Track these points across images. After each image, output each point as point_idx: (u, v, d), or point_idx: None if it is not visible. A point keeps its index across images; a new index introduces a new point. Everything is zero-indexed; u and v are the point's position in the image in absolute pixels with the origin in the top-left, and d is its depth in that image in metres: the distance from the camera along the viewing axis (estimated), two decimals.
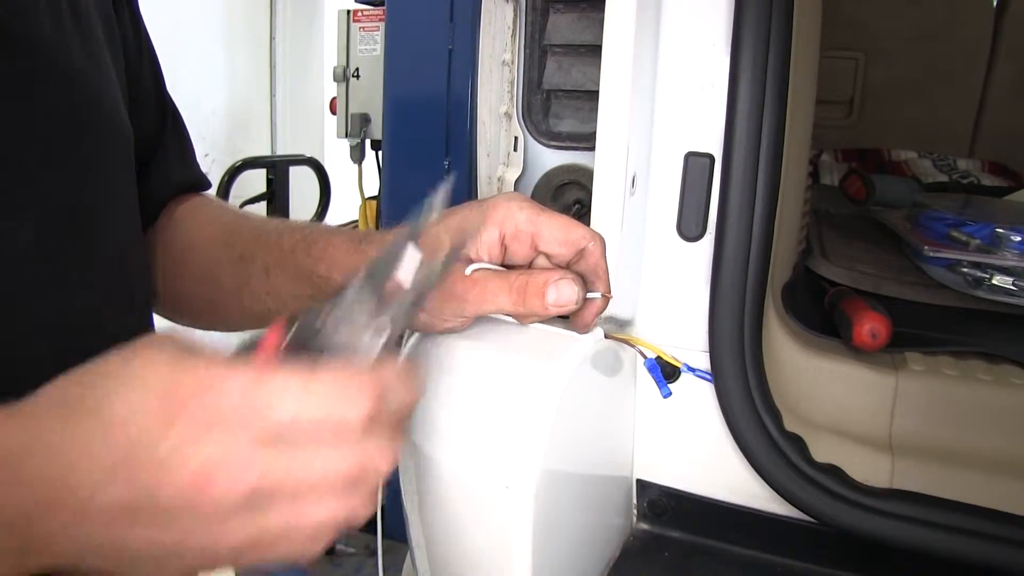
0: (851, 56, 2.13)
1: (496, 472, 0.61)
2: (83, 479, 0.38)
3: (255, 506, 0.39)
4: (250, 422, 0.39)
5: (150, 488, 0.38)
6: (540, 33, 0.96)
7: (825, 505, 0.75)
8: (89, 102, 0.67)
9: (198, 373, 0.39)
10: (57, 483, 0.38)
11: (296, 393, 0.40)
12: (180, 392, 0.38)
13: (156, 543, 0.39)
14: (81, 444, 0.38)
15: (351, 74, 2.40)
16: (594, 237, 0.63)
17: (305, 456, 0.40)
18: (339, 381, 0.41)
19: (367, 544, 2.35)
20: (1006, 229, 1.06)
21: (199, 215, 0.86)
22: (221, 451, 0.38)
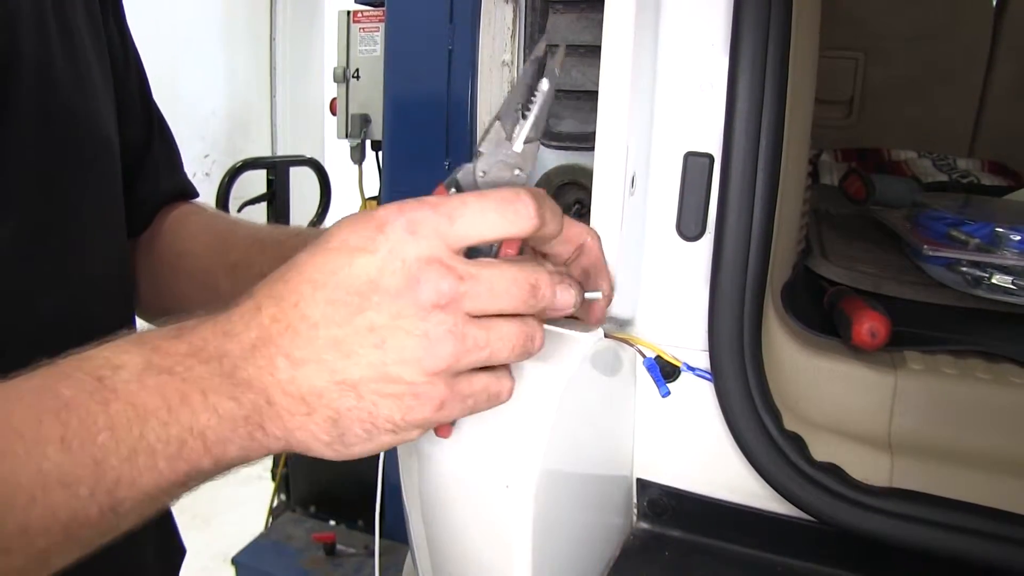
0: (851, 56, 2.13)
1: (496, 471, 0.61)
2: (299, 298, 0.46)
3: (453, 307, 0.46)
4: (442, 232, 0.46)
5: (372, 280, 0.45)
6: (540, 33, 0.96)
7: (825, 504, 0.75)
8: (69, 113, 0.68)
9: (390, 205, 0.46)
10: (286, 313, 0.46)
11: (474, 205, 0.46)
12: (379, 215, 0.46)
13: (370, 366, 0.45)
14: (302, 272, 0.46)
15: (351, 75, 2.41)
16: (591, 232, 0.64)
17: (489, 271, 0.47)
18: (507, 196, 0.47)
19: (366, 544, 2.36)
20: (1006, 228, 1.06)
21: (191, 223, 0.86)
22: (426, 250, 0.45)
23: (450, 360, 0.46)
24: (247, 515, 3.32)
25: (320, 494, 2.56)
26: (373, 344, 0.45)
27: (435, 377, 0.46)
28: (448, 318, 0.45)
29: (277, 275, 0.48)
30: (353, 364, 0.45)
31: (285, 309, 0.46)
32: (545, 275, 0.49)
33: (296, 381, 0.45)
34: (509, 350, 0.48)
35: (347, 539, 2.39)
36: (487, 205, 0.47)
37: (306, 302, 0.46)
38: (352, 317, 0.45)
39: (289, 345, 0.45)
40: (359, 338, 0.45)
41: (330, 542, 2.34)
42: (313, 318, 0.45)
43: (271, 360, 0.45)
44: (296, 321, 0.46)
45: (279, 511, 2.65)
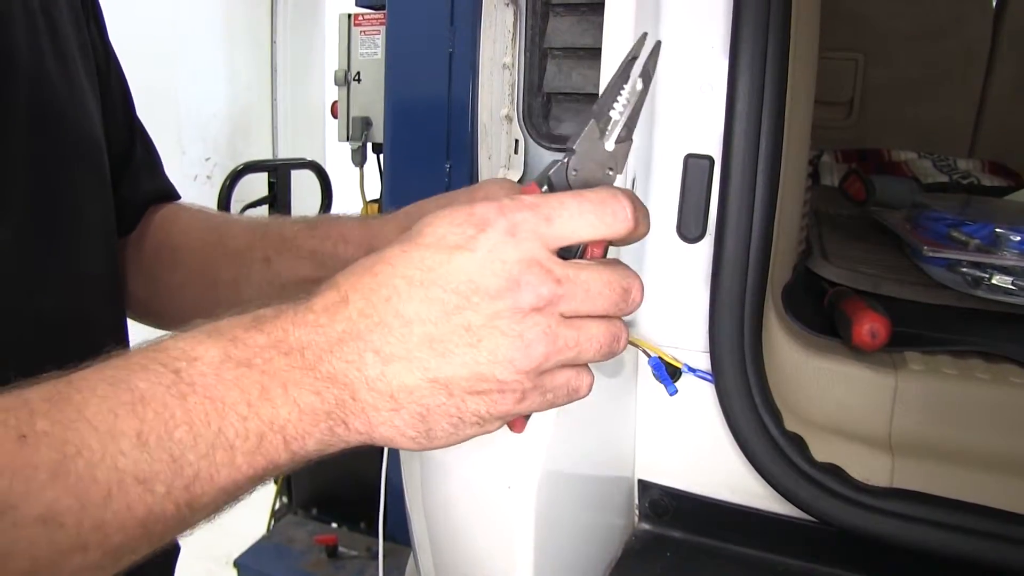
0: (851, 57, 2.13)
1: (498, 472, 0.61)
2: (392, 293, 0.45)
3: (550, 310, 0.46)
4: (541, 233, 0.46)
5: (472, 280, 0.45)
6: (540, 36, 0.97)
7: (825, 504, 0.75)
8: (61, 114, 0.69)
9: (487, 203, 0.46)
10: (377, 308, 0.45)
11: (572, 206, 0.47)
12: (479, 213, 0.46)
13: (464, 365, 0.45)
14: (394, 267, 0.46)
15: (352, 78, 2.41)
16: None
17: (586, 273, 0.47)
18: (604, 197, 0.47)
19: (368, 546, 2.36)
20: (1006, 229, 1.06)
21: (182, 219, 0.87)
22: (527, 252, 0.45)
23: (541, 360, 0.46)
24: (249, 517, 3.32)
25: (322, 496, 2.56)
26: (468, 343, 0.45)
27: (524, 375, 0.46)
28: (543, 320, 0.46)
29: (362, 267, 0.47)
30: (447, 363, 0.45)
31: (376, 304, 0.45)
32: (637, 280, 0.50)
33: (385, 377, 0.45)
34: (596, 349, 0.48)
35: (349, 541, 2.39)
36: (585, 207, 0.47)
37: (400, 298, 0.45)
38: (449, 315, 0.45)
39: (379, 341, 0.45)
40: (455, 337, 0.45)
41: (332, 544, 2.34)
42: (407, 315, 0.45)
43: (359, 355, 0.45)
44: (388, 317, 0.45)
45: (281, 513, 2.64)
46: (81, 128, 0.72)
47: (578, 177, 0.53)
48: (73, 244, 0.69)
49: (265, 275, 0.77)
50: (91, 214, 0.73)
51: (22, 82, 0.64)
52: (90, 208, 0.73)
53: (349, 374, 0.45)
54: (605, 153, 0.54)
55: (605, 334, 0.49)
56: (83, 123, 0.72)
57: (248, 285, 0.78)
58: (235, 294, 0.79)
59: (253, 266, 0.78)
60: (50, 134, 0.67)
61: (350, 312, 0.45)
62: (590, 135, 0.54)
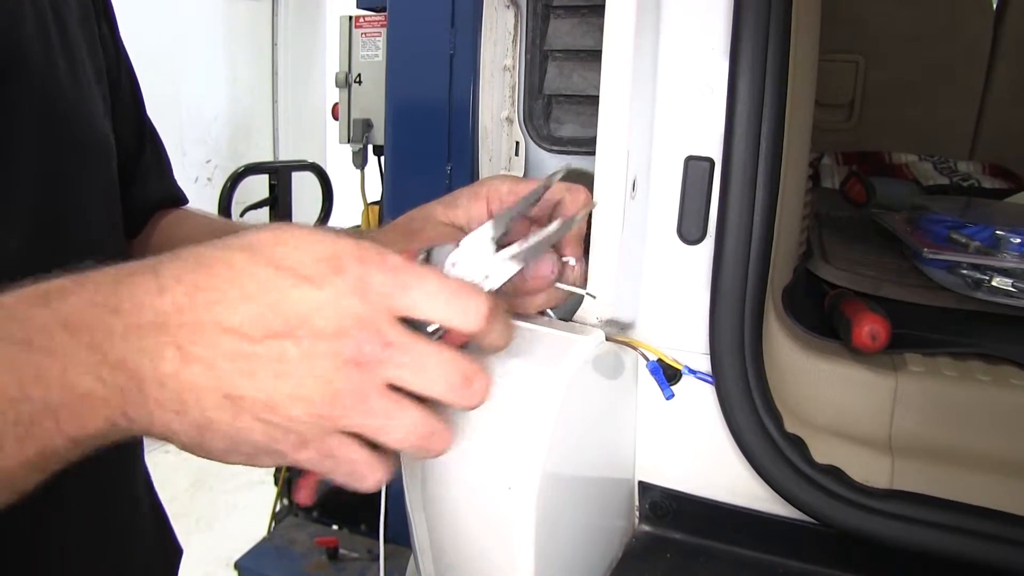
0: (851, 59, 2.13)
1: (498, 474, 0.61)
2: (221, 299, 0.43)
3: (369, 368, 0.44)
4: (390, 296, 0.45)
5: (305, 315, 0.43)
6: (541, 38, 0.97)
7: (826, 506, 0.75)
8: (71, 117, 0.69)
9: (354, 247, 0.45)
10: (196, 306, 0.43)
11: (431, 284, 0.46)
12: (340, 253, 0.45)
13: (262, 390, 0.43)
14: (235, 273, 0.44)
15: (353, 80, 2.41)
16: (571, 189, 0.65)
17: (423, 346, 0.46)
18: (466, 290, 0.47)
19: (369, 548, 2.36)
20: (1006, 231, 1.07)
21: (187, 223, 0.87)
22: (366, 313, 0.44)
23: (340, 412, 0.44)
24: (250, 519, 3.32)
25: (323, 498, 2.56)
26: (275, 372, 0.43)
27: (315, 420, 0.44)
28: (359, 376, 0.44)
29: (195, 259, 0.45)
30: (247, 382, 0.43)
31: (197, 303, 0.43)
32: (484, 375, 0.48)
33: (179, 377, 0.42)
34: (404, 434, 0.47)
35: (350, 543, 2.39)
36: (442, 289, 0.46)
37: (226, 305, 0.43)
38: (268, 339, 0.43)
39: (186, 339, 0.42)
40: (265, 361, 0.43)
41: (333, 546, 2.34)
42: (227, 323, 0.43)
43: (159, 348, 0.42)
44: (205, 318, 0.43)
45: (282, 515, 2.64)
46: (90, 129, 0.72)
47: (455, 271, 0.54)
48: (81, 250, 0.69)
49: None
50: (99, 217, 0.74)
51: (32, 83, 0.64)
52: (98, 211, 0.73)
53: (142, 364, 0.42)
54: (491, 261, 0.54)
55: (422, 424, 0.47)
56: (92, 124, 0.72)
57: None
58: None
59: None
60: (59, 136, 0.67)
61: (163, 303, 0.43)
62: (483, 236, 0.54)
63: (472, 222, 0.69)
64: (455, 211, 0.70)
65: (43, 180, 0.65)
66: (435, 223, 0.69)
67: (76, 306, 0.42)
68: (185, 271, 0.44)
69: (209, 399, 0.43)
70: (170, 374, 0.42)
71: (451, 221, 0.70)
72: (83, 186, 0.70)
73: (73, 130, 0.69)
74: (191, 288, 0.43)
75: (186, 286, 0.43)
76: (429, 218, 0.70)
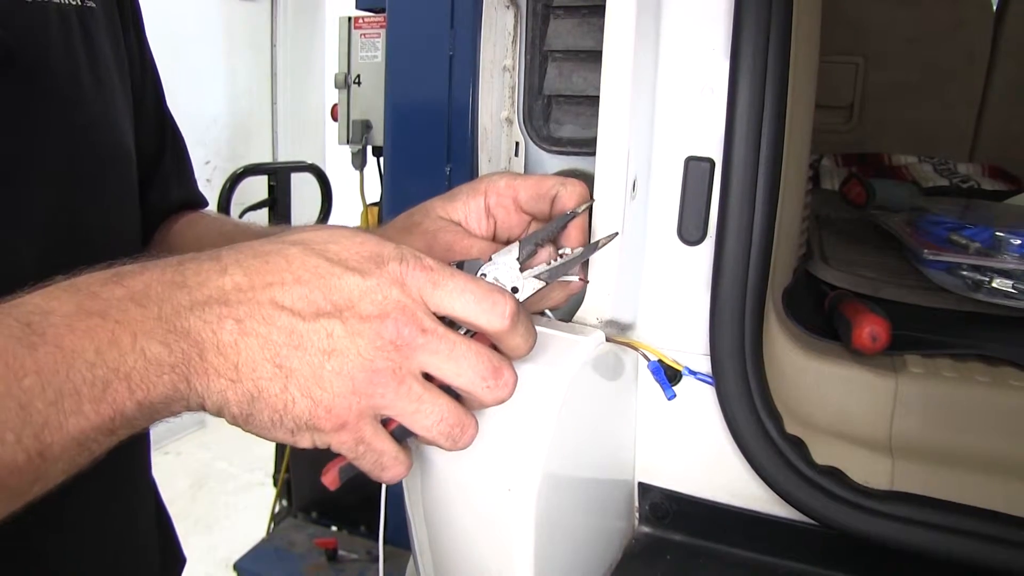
0: (851, 60, 2.13)
1: (498, 475, 0.61)
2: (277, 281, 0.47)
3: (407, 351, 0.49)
4: (424, 292, 0.49)
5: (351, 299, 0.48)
6: (541, 39, 0.97)
7: (826, 507, 0.75)
8: (93, 125, 0.69)
9: (395, 249, 0.50)
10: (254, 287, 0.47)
11: (461, 282, 0.50)
12: (385, 252, 0.50)
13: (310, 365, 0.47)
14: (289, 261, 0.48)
15: (352, 81, 2.41)
16: (566, 182, 0.67)
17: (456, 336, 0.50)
18: (494, 291, 0.51)
19: (368, 550, 2.36)
20: (1006, 232, 1.06)
21: (198, 226, 0.87)
22: (406, 300, 0.49)
23: (378, 391, 0.48)
24: (249, 520, 3.32)
25: (322, 500, 2.56)
26: (322, 349, 0.47)
27: (356, 400, 0.48)
28: (397, 357, 0.48)
29: (253, 251, 0.49)
30: (297, 356, 0.47)
31: (255, 284, 0.47)
32: (512, 370, 0.52)
33: (237, 346, 0.46)
34: (435, 421, 0.51)
35: (349, 545, 2.39)
36: (470, 288, 0.50)
37: (281, 288, 0.47)
38: (318, 318, 0.47)
39: (244, 314, 0.46)
40: (315, 337, 0.47)
41: (332, 548, 2.34)
42: (281, 302, 0.47)
43: (219, 319, 0.46)
44: (263, 297, 0.47)
45: (281, 516, 2.64)
46: (111, 137, 0.72)
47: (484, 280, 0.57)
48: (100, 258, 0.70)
49: None
50: (116, 227, 0.74)
51: (55, 90, 0.64)
52: (116, 220, 0.74)
53: (203, 333, 0.46)
54: (516, 277, 0.59)
55: (452, 412, 0.51)
56: (113, 132, 0.72)
57: None
58: None
59: None
60: (80, 144, 0.67)
61: (224, 282, 0.47)
62: (510, 253, 0.60)
63: (470, 217, 0.70)
64: (453, 205, 0.70)
65: (63, 187, 0.65)
66: (434, 217, 0.70)
67: (146, 282, 0.46)
68: (243, 258, 0.48)
69: (262, 369, 0.47)
70: (229, 343, 0.46)
71: (449, 216, 0.70)
72: (102, 195, 0.71)
73: (94, 138, 0.69)
74: (249, 271, 0.47)
75: (244, 269, 0.47)
76: (428, 212, 0.71)
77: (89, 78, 0.69)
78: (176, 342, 0.45)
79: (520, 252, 0.60)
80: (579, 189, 0.67)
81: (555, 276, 0.61)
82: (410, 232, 0.69)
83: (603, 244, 0.66)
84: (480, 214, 0.70)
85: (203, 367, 0.46)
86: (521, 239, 0.61)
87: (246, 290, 0.47)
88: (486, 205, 0.70)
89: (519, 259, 0.60)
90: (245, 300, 0.47)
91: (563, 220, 0.64)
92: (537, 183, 0.69)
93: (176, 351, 0.45)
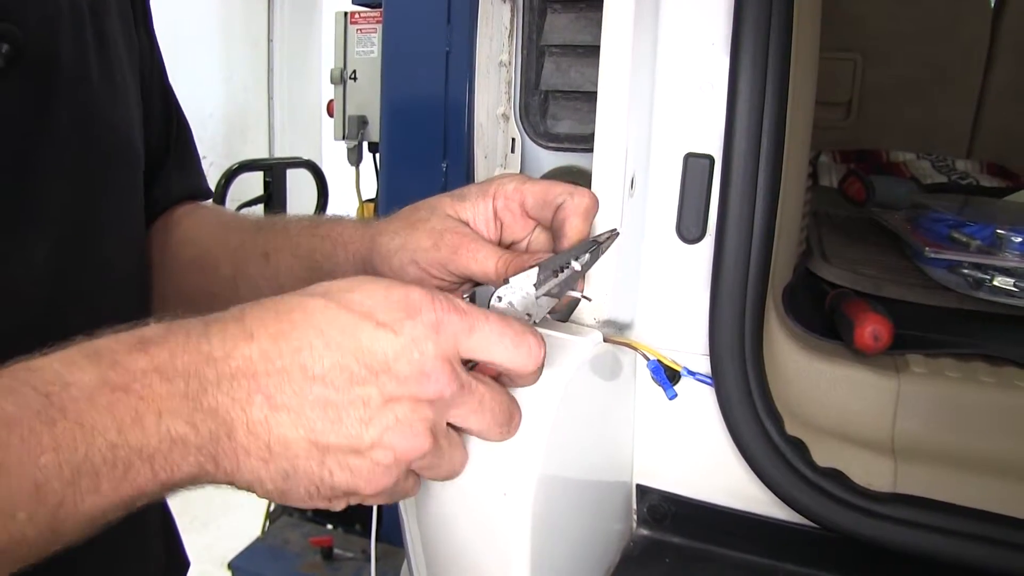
0: (849, 57, 2.12)
1: (494, 479, 0.60)
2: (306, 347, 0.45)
3: (443, 408, 0.48)
4: (459, 338, 0.48)
5: (387, 361, 0.46)
6: (537, 34, 0.96)
7: (827, 509, 0.74)
8: (103, 122, 0.68)
9: (425, 293, 0.48)
10: (283, 354, 0.45)
11: (496, 327, 0.49)
12: (413, 299, 0.47)
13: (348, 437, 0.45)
14: (314, 320, 0.46)
15: (348, 76, 2.40)
16: (574, 192, 0.65)
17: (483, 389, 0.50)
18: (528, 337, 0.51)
19: (364, 548, 2.35)
20: (1007, 230, 1.06)
21: (196, 215, 0.87)
22: (443, 351, 0.47)
23: (416, 454, 0.48)
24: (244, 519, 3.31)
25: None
26: (360, 418, 0.45)
27: (395, 467, 0.47)
28: (432, 415, 0.47)
29: (275, 309, 0.47)
30: (334, 430, 0.45)
31: (283, 350, 0.45)
32: (520, 412, 0.54)
33: (267, 423, 0.44)
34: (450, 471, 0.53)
35: (344, 543, 2.38)
36: (507, 333, 0.50)
37: (311, 353, 0.45)
38: (352, 386, 0.45)
39: (274, 387, 0.44)
40: (351, 408, 0.45)
41: (327, 546, 2.33)
42: (313, 371, 0.45)
43: (248, 395, 0.44)
44: (293, 367, 0.44)
45: (276, 515, 2.63)
46: (121, 137, 0.71)
47: (499, 306, 0.58)
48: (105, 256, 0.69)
49: (263, 271, 0.76)
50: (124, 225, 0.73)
51: (65, 85, 0.63)
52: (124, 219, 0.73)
53: (232, 412, 0.44)
54: (531, 299, 0.59)
55: (461, 464, 0.53)
56: (121, 129, 0.72)
57: (245, 281, 0.77)
58: (232, 290, 0.78)
59: (251, 262, 0.77)
60: (89, 139, 0.66)
61: (252, 351, 0.44)
62: (527, 279, 0.59)
63: (478, 219, 0.68)
64: (462, 205, 0.68)
65: (71, 184, 0.64)
66: (441, 215, 0.68)
67: (172, 353, 0.44)
68: (268, 319, 0.46)
69: (296, 446, 0.45)
70: (259, 420, 0.44)
71: (457, 215, 0.68)
72: (110, 191, 0.70)
73: (103, 135, 0.68)
74: (277, 336, 0.45)
75: (270, 334, 0.45)
76: (435, 210, 0.69)
77: (99, 72, 0.68)
78: (203, 421, 0.43)
79: (538, 277, 0.59)
80: (586, 201, 0.65)
81: (565, 290, 0.60)
82: (415, 228, 0.67)
83: (605, 247, 0.64)
84: (488, 217, 0.68)
85: (232, 447, 0.44)
86: (541, 263, 0.59)
87: (274, 359, 0.44)
88: (494, 208, 0.68)
89: (536, 284, 0.59)
90: (274, 371, 0.44)
91: (586, 247, 0.62)
92: (545, 190, 0.66)
93: (203, 431, 0.43)
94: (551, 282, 0.59)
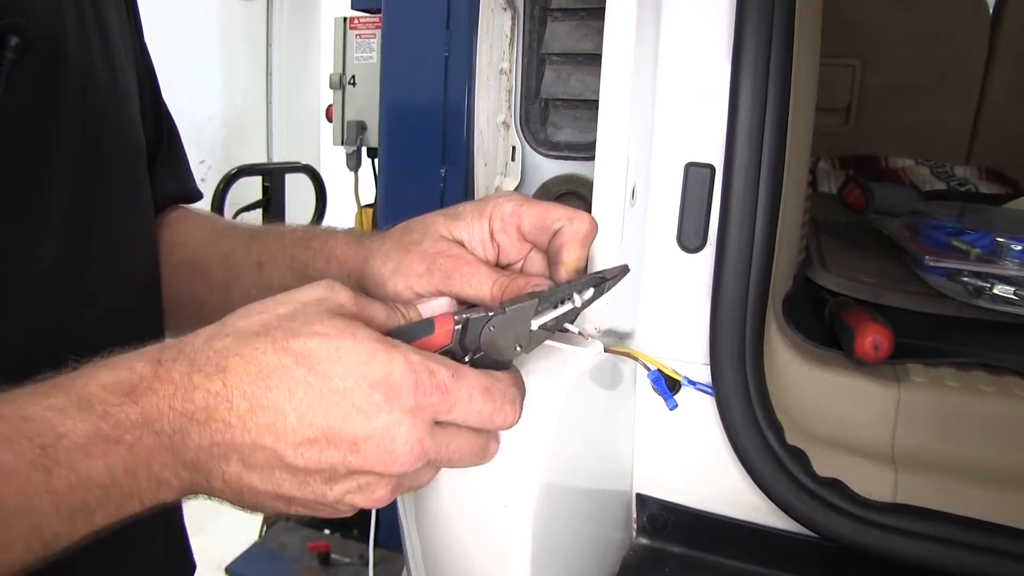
0: (848, 63, 2.12)
1: (494, 491, 0.60)
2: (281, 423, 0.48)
3: (411, 479, 0.53)
4: (438, 414, 0.50)
5: (356, 444, 0.48)
6: (538, 42, 0.96)
7: (827, 519, 0.74)
8: (108, 115, 0.68)
9: (407, 372, 0.49)
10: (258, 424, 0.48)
11: (476, 399, 0.51)
12: (395, 379, 0.48)
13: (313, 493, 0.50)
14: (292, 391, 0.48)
15: (347, 81, 2.40)
16: (573, 218, 0.62)
17: (454, 443, 0.53)
18: (506, 406, 0.53)
19: (361, 553, 2.34)
20: (1006, 238, 1.06)
21: (189, 219, 0.87)
22: (417, 434, 0.49)
23: (380, 505, 0.53)
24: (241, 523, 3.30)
25: None
26: (325, 481, 0.49)
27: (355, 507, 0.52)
28: (396, 480, 0.51)
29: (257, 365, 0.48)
30: (299, 489, 0.49)
31: (259, 422, 0.48)
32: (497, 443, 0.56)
33: (241, 478, 0.49)
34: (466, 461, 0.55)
35: (342, 548, 2.37)
36: (484, 410, 0.52)
37: (284, 426, 0.48)
38: (321, 457, 0.48)
39: (248, 452, 0.48)
40: (317, 475, 0.49)
41: (325, 551, 2.33)
42: (284, 442, 0.48)
43: (226, 455, 0.48)
44: (267, 442, 0.48)
45: (273, 519, 2.63)
46: (124, 134, 0.71)
47: (491, 335, 0.56)
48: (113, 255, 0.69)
49: (256, 280, 0.76)
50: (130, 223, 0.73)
51: (72, 78, 0.63)
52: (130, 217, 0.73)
53: (211, 465, 0.48)
54: (525, 331, 0.57)
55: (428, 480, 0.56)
56: (126, 128, 0.71)
57: (238, 288, 0.76)
58: (224, 297, 0.77)
59: (245, 270, 0.77)
60: (95, 137, 0.66)
61: (231, 417, 0.48)
62: (524, 309, 0.57)
63: (473, 239, 0.66)
64: (456, 224, 0.66)
65: (79, 186, 0.64)
66: (435, 237, 0.66)
67: (160, 409, 0.47)
68: (247, 380, 0.48)
69: (265, 496, 0.50)
70: (233, 475, 0.49)
71: (451, 235, 0.66)
72: (116, 192, 0.69)
73: (109, 132, 0.68)
74: (254, 405, 0.48)
75: (248, 398, 0.48)
76: (428, 231, 0.66)
77: (102, 66, 0.67)
78: (185, 471, 0.48)
79: (536, 309, 0.57)
80: (585, 227, 0.62)
81: (561, 323, 0.59)
82: (408, 252, 0.65)
83: (611, 285, 0.61)
84: (484, 238, 0.66)
85: (209, 488, 0.50)
86: (541, 294, 0.58)
87: (251, 428, 0.48)
88: (490, 229, 0.66)
89: (532, 316, 0.57)
90: (249, 439, 0.48)
91: (591, 281, 0.60)
92: (543, 214, 0.64)
93: (185, 479, 0.48)
94: (549, 315, 0.57)
